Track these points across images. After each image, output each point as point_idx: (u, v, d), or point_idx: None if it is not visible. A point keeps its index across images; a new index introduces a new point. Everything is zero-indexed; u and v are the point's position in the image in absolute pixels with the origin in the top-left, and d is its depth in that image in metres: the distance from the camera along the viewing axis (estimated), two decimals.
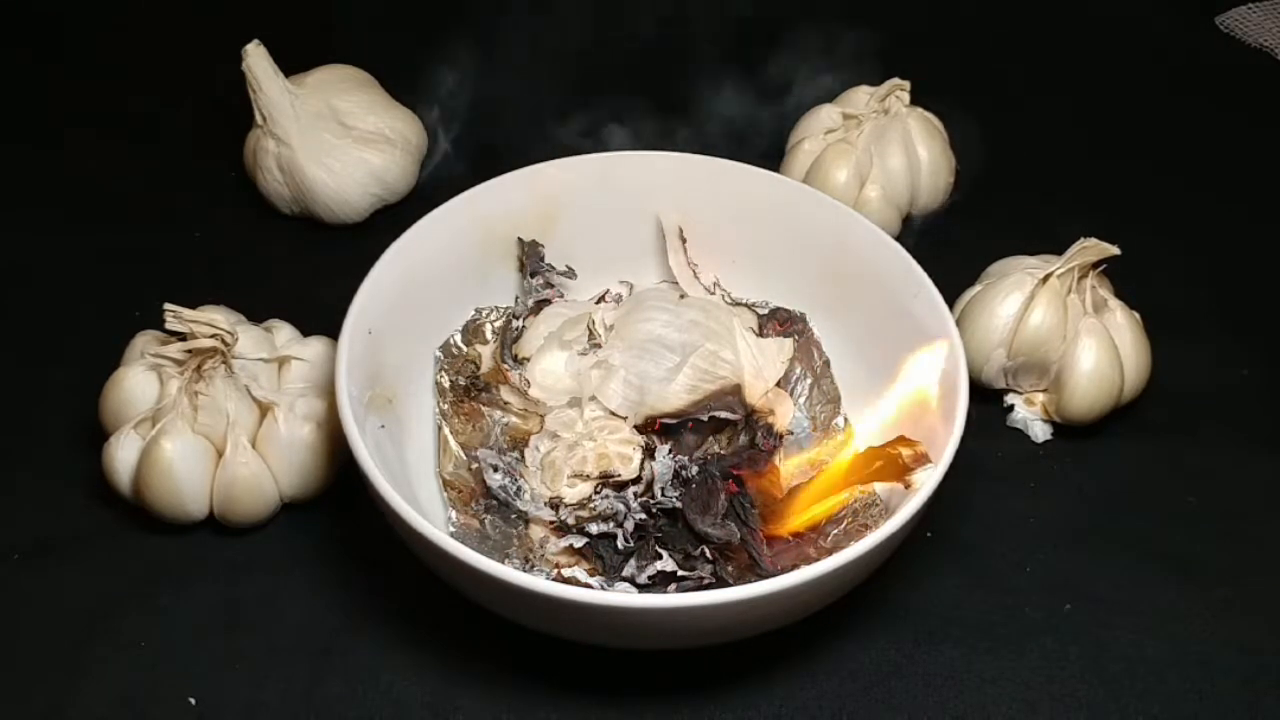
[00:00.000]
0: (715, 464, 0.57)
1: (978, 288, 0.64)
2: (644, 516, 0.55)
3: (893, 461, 0.52)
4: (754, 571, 0.53)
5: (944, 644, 0.54)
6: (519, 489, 0.57)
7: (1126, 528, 0.59)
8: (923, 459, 0.51)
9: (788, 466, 0.58)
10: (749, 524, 0.55)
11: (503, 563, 0.50)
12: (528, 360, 0.61)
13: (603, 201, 0.64)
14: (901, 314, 0.58)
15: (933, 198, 0.73)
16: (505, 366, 0.60)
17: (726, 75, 0.78)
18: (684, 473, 0.57)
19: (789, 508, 0.55)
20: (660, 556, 0.53)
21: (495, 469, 0.57)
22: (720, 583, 0.53)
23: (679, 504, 0.55)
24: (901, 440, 0.52)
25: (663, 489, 0.56)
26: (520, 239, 0.63)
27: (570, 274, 0.64)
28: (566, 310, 0.63)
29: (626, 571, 0.53)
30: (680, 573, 0.53)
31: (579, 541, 0.54)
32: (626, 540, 0.54)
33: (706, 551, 0.54)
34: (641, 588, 0.53)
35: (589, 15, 0.87)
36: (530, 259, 0.63)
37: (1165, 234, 0.74)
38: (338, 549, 0.57)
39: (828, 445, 0.59)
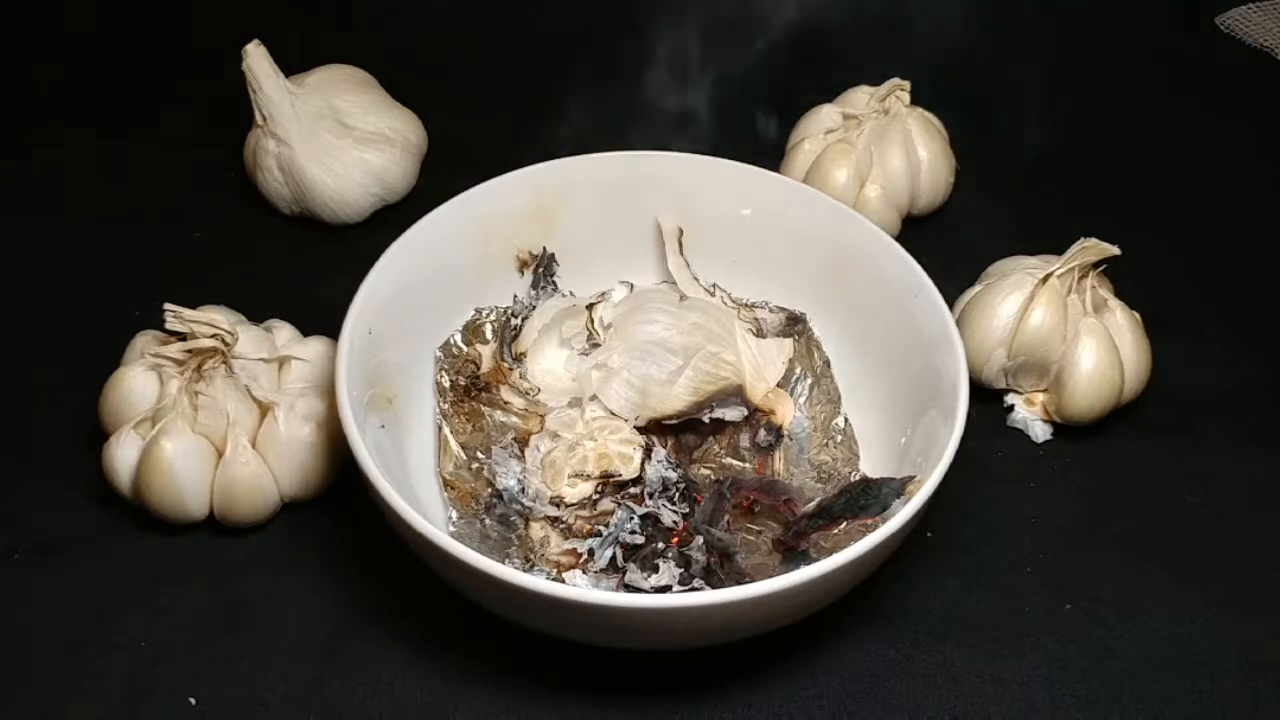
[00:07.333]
0: (728, 485, 0.57)
1: (978, 288, 0.64)
2: (638, 534, 0.55)
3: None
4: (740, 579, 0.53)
5: (944, 644, 0.54)
6: (520, 489, 0.57)
7: (1126, 528, 0.59)
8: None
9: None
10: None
11: (503, 563, 0.50)
12: (525, 355, 0.61)
13: (603, 201, 0.64)
14: (901, 314, 0.58)
15: (933, 198, 0.73)
16: (506, 365, 0.60)
17: (726, 74, 0.78)
18: (672, 488, 0.56)
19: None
20: (657, 569, 0.53)
21: (508, 466, 0.57)
22: (718, 583, 0.53)
23: (662, 511, 0.55)
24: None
25: (651, 495, 0.56)
26: (545, 249, 0.64)
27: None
28: (561, 302, 0.63)
29: (628, 578, 0.53)
30: (677, 588, 0.53)
31: (580, 544, 0.54)
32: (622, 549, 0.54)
33: (700, 540, 0.54)
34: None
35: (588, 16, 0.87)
36: (544, 269, 0.63)
37: (1165, 234, 0.74)
38: (338, 549, 0.57)
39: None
